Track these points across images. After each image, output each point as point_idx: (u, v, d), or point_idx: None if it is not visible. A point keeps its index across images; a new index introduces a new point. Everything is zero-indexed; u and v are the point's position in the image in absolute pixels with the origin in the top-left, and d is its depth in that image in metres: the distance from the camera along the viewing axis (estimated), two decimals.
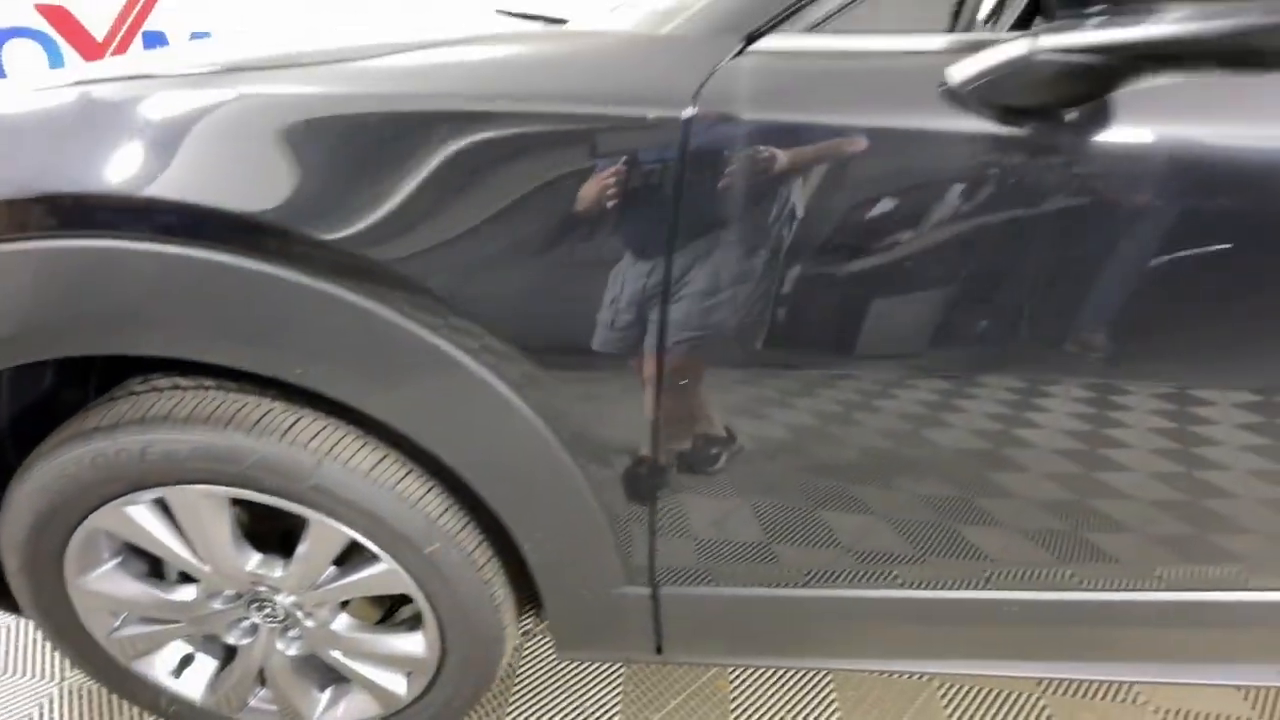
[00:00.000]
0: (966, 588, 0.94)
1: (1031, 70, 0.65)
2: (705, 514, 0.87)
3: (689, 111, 0.69)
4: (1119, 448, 0.80)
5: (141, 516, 0.92)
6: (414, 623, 1.02)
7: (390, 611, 1.16)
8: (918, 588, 0.94)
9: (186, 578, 1.02)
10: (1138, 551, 0.89)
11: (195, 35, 3.24)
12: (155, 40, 3.16)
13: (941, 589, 0.94)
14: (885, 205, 0.71)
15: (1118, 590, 0.93)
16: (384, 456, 0.87)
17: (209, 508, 0.90)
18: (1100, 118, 0.67)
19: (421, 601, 0.96)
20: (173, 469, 0.86)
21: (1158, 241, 0.71)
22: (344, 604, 1.04)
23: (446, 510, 0.91)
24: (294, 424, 0.85)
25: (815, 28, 0.73)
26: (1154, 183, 0.69)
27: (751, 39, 0.72)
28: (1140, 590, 0.93)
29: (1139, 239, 0.70)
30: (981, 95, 0.67)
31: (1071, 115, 0.67)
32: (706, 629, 1.00)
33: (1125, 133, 0.68)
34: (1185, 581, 0.91)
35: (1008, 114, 0.67)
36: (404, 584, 0.94)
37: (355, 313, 0.75)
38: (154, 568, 1.05)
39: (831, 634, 1.03)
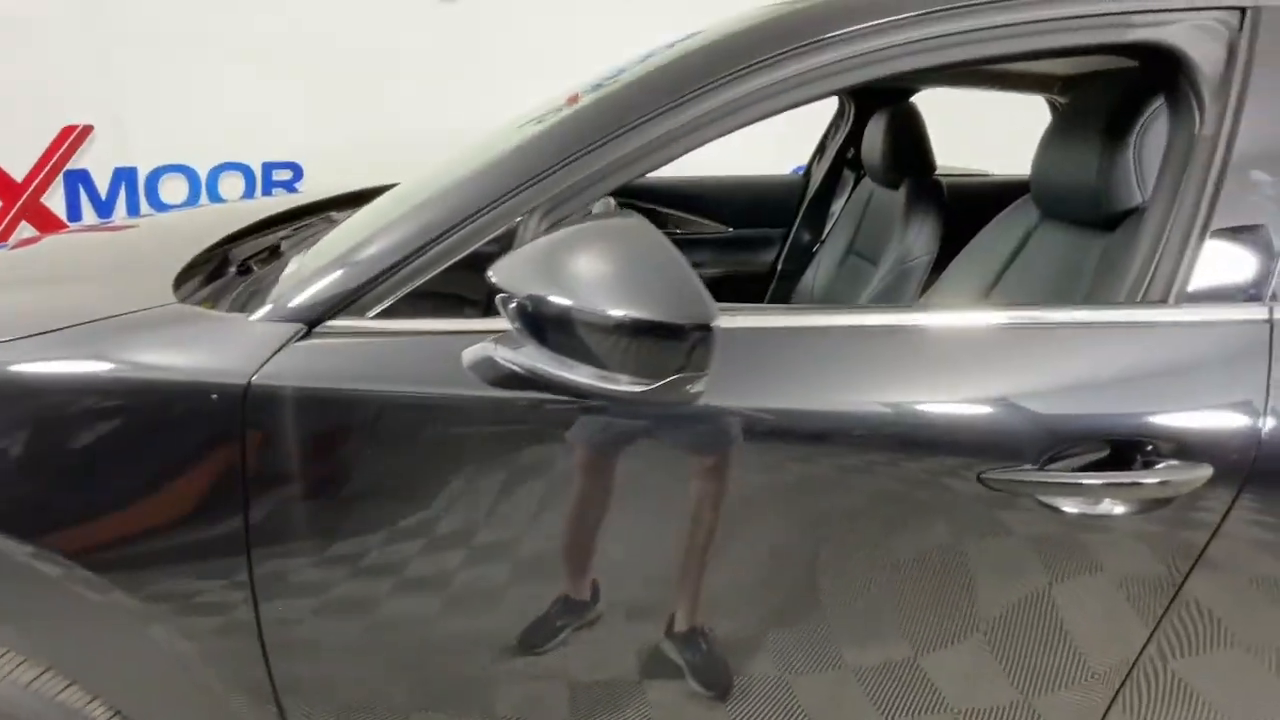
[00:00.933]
0: None
1: (493, 366, 0.81)
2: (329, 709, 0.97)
3: (252, 380, 0.84)
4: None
5: None
6: None
7: None
8: None
9: None
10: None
11: (119, 171, 3.45)
12: (77, 179, 3.36)
13: None
14: (407, 455, 0.86)
15: None
16: (46, 669, 0.95)
17: None
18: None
19: None
20: None
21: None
22: None
23: (115, 715, 0.98)
24: None
25: (375, 314, 0.87)
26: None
27: (314, 324, 0.87)
28: None
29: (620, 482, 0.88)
30: (478, 374, 0.83)
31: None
32: None
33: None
34: None
35: (501, 387, 0.83)
36: None
37: None
38: None
39: None
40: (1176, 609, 0.90)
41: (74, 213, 3.37)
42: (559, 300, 0.73)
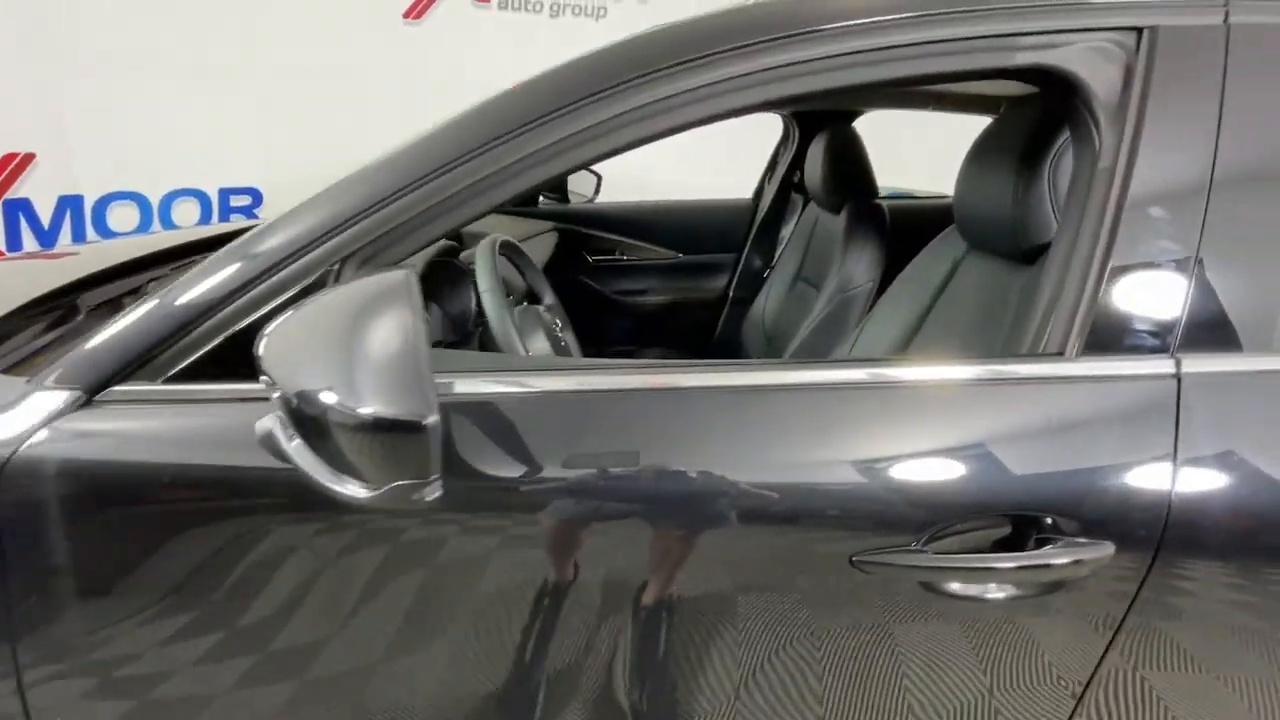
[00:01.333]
0: None
1: (274, 441, 0.71)
2: None
3: (15, 454, 0.74)
4: None
5: None
6: None
7: None
8: None
9: None
10: None
11: (63, 199, 3.36)
12: (18, 208, 3.26)
13: None
14: (192, 536, 0.76)
15: None
16: None
17: None
18: None
19: None
20: None
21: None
22: None
23: None
24: None
25: (166, 378, 0.78)
26: None
27: (95, 390, 0.77)
28: None
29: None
30: (267, 448, 0.73)
31: None
32: None
33: None
34: None
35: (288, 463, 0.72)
36: None
37: None
38: None
39: None
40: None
41: (14, 242, 3.27)
42: (318, 400, 0.64)
